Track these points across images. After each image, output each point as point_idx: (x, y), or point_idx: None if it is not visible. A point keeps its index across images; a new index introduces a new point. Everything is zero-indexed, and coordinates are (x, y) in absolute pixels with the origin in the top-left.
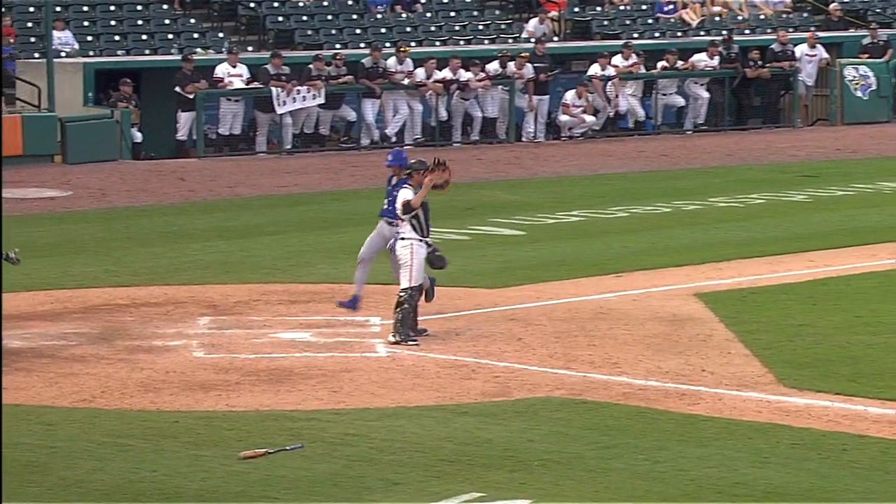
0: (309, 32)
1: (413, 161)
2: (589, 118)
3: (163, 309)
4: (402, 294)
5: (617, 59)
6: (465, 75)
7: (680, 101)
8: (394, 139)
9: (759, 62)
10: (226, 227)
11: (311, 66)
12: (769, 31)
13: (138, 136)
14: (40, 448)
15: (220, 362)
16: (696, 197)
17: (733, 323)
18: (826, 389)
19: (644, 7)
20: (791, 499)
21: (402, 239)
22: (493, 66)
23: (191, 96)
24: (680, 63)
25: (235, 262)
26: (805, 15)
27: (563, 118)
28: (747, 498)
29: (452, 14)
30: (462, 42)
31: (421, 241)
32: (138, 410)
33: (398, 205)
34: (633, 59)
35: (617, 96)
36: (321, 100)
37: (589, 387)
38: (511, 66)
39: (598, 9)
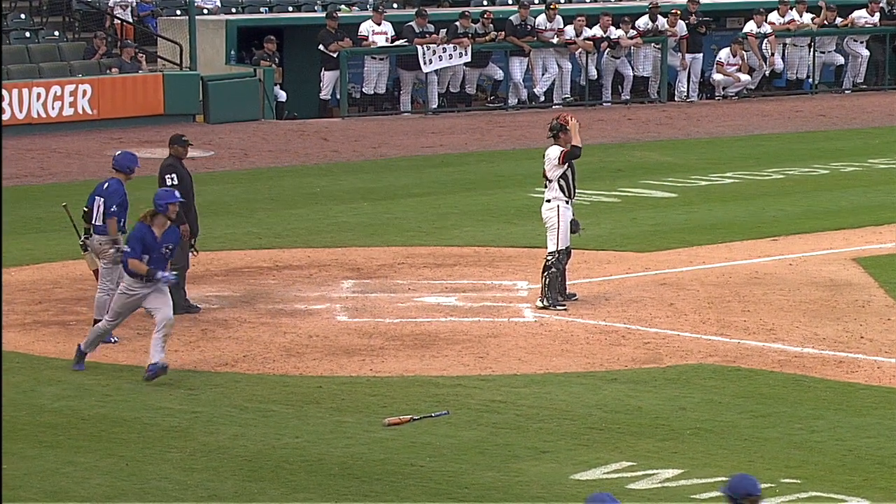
0: None
1: (553, 122)
2: (744, 77)
3: (306, 272)
4: (549, 258)
5: (773, 16)
6: (615, 33)
7: (839, 59)
8: (542, 98)
9: None
10: (370, 188)
11: (457, 23)
12: None
13: (282, 96)
14: (182, 413)
15: (363, 327)
16: (855, 158)
17: (894, 288)
18: None
19: None
20: None
21: (549, 201)
22: (644, 21)
23: (334, 55)
24: (839, 20)
25: (379, 224)
26: None
27: (717, 77)
28: None
29: None
30: None
31: (567, 202)
32: (280, 375)
33: (555, 161)
34: (790, 15)
35: (773, 54)
36: (467, 58)
37: (743, 354)
38: (663, 21)
39: None
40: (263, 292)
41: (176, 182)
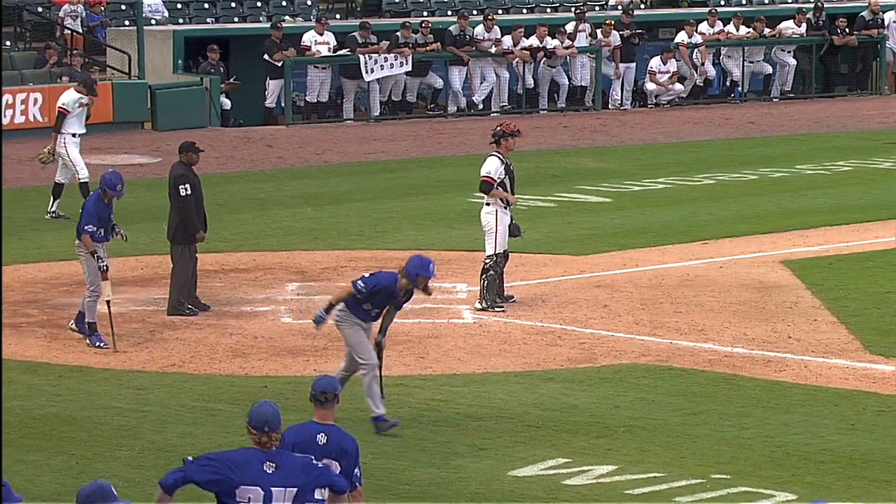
0: (396, 0)
1: (496, 128)
2: (676, 86)
3: (251, 275)
4: (487, 261)
5: (703, 27)
6: (551, 43)
7: (767, 68)
8: (480, 106)
9: (847, 30)
10: (314, 193)
11: (398, 33)
12: None
13: (227, 104)
14: (131, 412)
15: (307, 328)
16: (783, 164)
17: (820, 290)
18: None
19: None
20: (877, 466)
21: (487, 205)
22: (572, 26)
23: (279, 64)
24: (767, 30)
25: (323, 228)
26: None
27: (650, 85)
28: (833, 464)
29: None
30: (549, 10)
31: (506, 207)
32: (227, 375)
33: (489, 173)
34: (719, 25)
35: (703, 63)
36: (408, 67)
37: (675, 353)
38: (598, 32)
39: None
40: (210, 295)
41: (189, 192)
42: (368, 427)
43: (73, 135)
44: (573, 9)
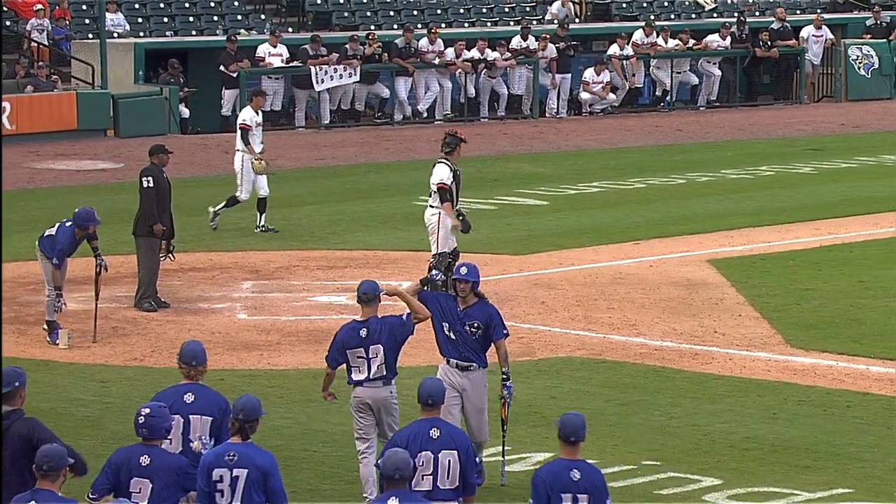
0: (345, 14)
1: (448, 137)
2: (609, 95)
3: (208, 274)
4: (432, 259)
5: (638, 35)
6: (491, 55)
7: (694, 79)
8: (425, 114)
9: (769, 43)
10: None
11: (347, 45)
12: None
13: (186, 112)
14: (94, 404)
15: (262, 324)
16: (709, 169)
17: (744, 287)
18: (831, 350)
19: None
20: (798, 452)
21: (432, 207)
22: (516, 40)
23: (234, 75)
24: (694, 42)
25: (277, 229)
26: None
27: (584, 95)
28: (756, 451)
29: None
30: (489, 24)
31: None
32: None
33: (437, 181)
34: (654, 37)
35: (634, 74)
36: (357, 78)
37: (608, 347)
38: (534, 42)
39: None
40: (170, 293)
41: (151, 185)
42: (316, 413)
43: (249, 154)
44: (519, 23)
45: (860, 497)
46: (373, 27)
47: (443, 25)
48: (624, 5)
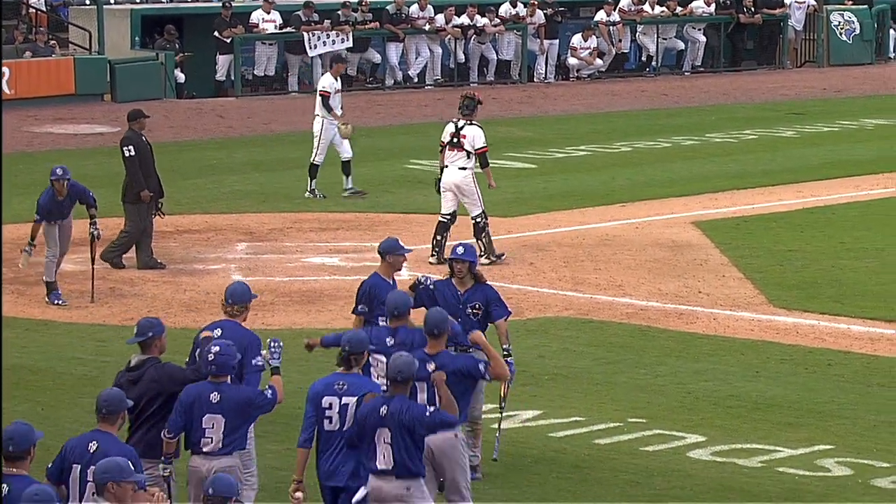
0: None
1: (466, 99)
2: (596, 61)
3: (204, 235)
4: (478, 220)
5: (625, 1)
6: (481, 21)
7: (679, 44)
8: (416, 80)
9: (753, 9)
10: (261, 160)
11: (339, 12)
12: None
13: (181, 77)
14: (93, 362)
15: (256, 284)
16: (694, 133)
17: (728, 248)
18: (812, 309)
19: None
20: (780, 410)
21: (463, 169)
22: (505, 8)
23: (228, 40)
24: (679, 9)
25: (270, 192)
26: None
27: (572, 60)
28: (740, 409)
29: None
30: None
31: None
32: (182, 328)
33: (480, 143)
34: (641, 3)
35: (620, 40)
36: (349, 43)
37: (595, 307)
38: (523, 8)
39: None
40: (166, 254)
41: (133, 154)
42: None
43: (330, 119)
44: None
45: (841, 453)
46: None
47: None
48: None
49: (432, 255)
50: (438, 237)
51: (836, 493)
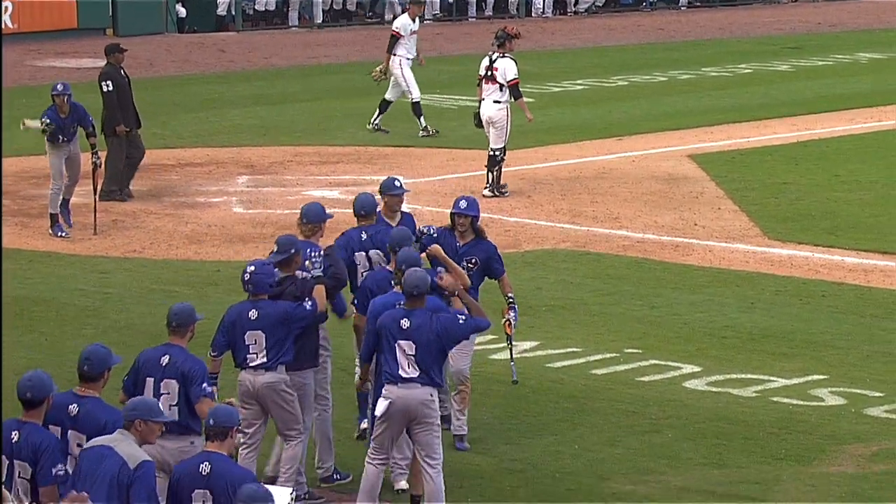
0: None
1: (499, 32)
2: None
3: (205, 168)
4: (497, 153)
5: None
6: None
7: None
8: None
9: None
10: (262, 94)
11: None
12: None
13: (182, 12)
14: (95, 294)
15: (257, 217)
16: (690, 67)
17: (723, 181)
18: (807, 241)
19: None
20: (774, 340)
21: (497, 102)
22: None
23: None
24: None
25: (271, 126)
26: None
27: None
28: (735, 339)
29: None
30: None
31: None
32: (183, 260)
33: (511, 75)
34: None
35: None
36: None
37: (592, 240)
38: None
39: None
40: (168, 187)
41: (112, 89)
42: None
43: (407, 57)
44: None
45: (834, 383)
46: None
47: None
48: None
49: (486, 188)
50: (493, 172)
51: (830, 423)
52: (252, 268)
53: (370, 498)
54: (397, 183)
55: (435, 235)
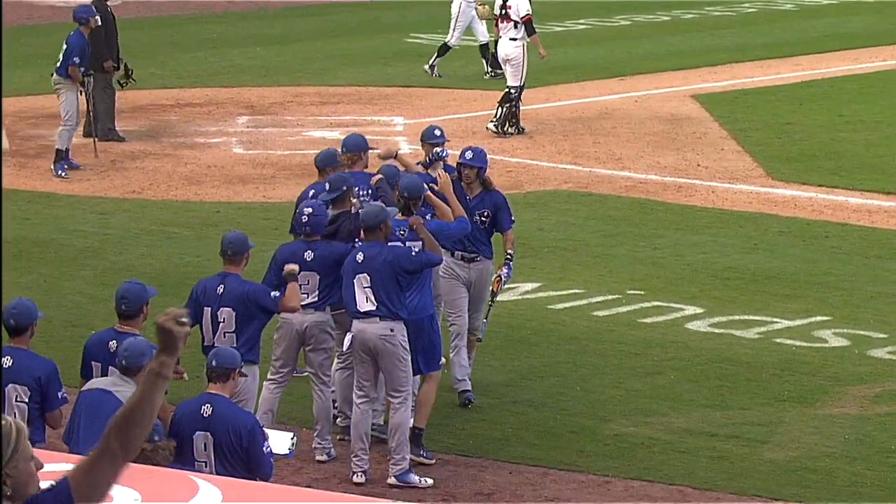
0: None
1: None
2: None
3: (205, 109)
4: (512, 91)
5: None
6: None
7: None
8: None
9: None
10: (262, 34)
11: None
12: None
13: None
14: (94, 235)
15: (257, 158)
16: (693, 7)
17: (726, 122)
18: (811, 182)
19: None
20: (777, 281)
21: (514, 40)
22: None
23: None
24: None
25: (271, 66)
26: None
27: None
28: (738, 280)
29: None
30: None
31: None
32: (183, 201)
33: (524, 10)
34: None
35: None
36: None
37: (594, 180)
38: None
39: None
40: (166, 127)
41: (100, 24)
42: None
43: (469, 1)
44: None
45: (838, 324)
46: None
47: None
48: None
49: (491, 122)
50: (504, 107)
51: (833, 364)
52: (309, 209)
53: (358, 438)
54: (437, 132)
55: (446, 157)
